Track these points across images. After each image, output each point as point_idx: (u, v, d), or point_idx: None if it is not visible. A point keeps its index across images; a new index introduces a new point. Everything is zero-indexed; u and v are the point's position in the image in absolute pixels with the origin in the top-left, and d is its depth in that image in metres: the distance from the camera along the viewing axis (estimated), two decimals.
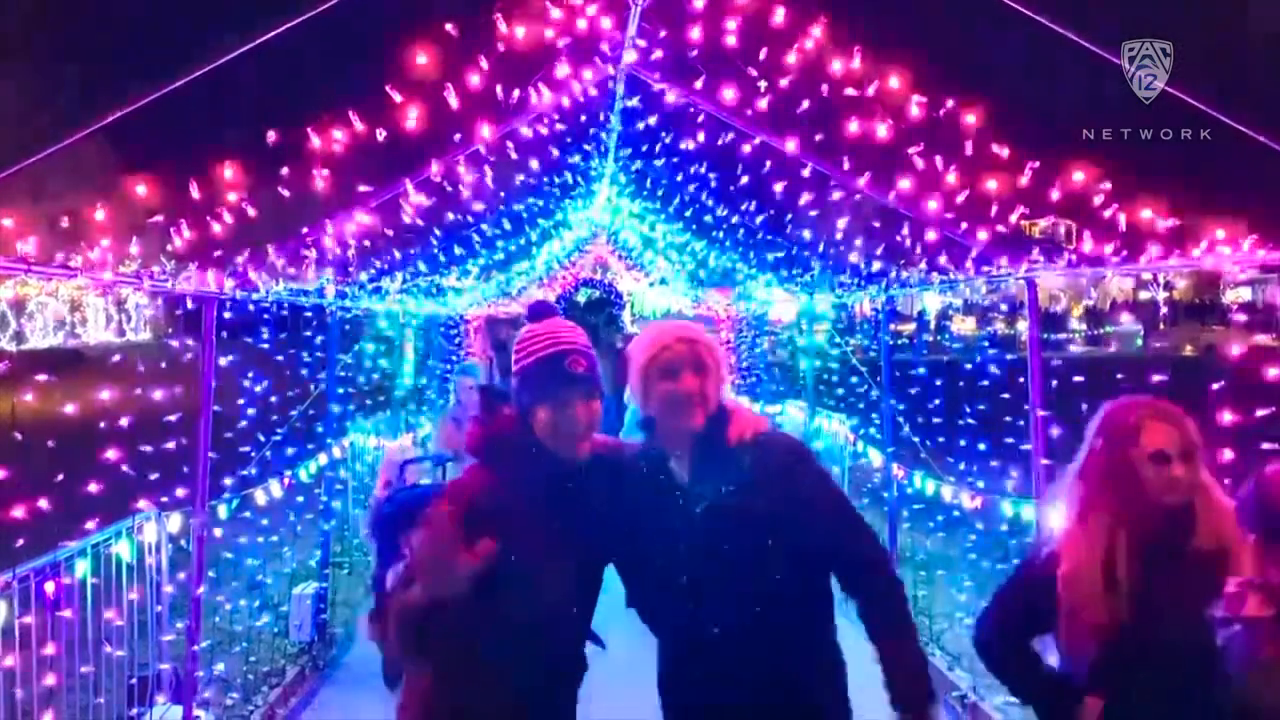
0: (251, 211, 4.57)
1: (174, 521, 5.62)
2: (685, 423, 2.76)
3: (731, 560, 2.68)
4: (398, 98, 4.36)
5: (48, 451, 5.52)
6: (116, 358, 8.41)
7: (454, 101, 4.58)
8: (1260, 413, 4.52)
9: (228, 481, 6.39)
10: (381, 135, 4.49)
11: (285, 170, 4.60)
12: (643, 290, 20.24)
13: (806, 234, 7.83)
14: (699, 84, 5.23)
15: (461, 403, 7.53)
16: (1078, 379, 6.35)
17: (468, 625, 2.64)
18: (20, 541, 4.40)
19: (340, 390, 8.31)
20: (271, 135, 4.32)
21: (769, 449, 2.80)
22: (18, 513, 4.10)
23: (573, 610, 2.79)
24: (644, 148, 7.33)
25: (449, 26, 4.30)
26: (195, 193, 4.61)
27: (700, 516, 2.72)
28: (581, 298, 19.43)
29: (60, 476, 4.76)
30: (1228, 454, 4.56)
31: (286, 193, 4.65)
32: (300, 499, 7.87)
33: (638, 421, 2.97)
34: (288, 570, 7.72)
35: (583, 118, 7.02)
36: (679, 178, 8.34)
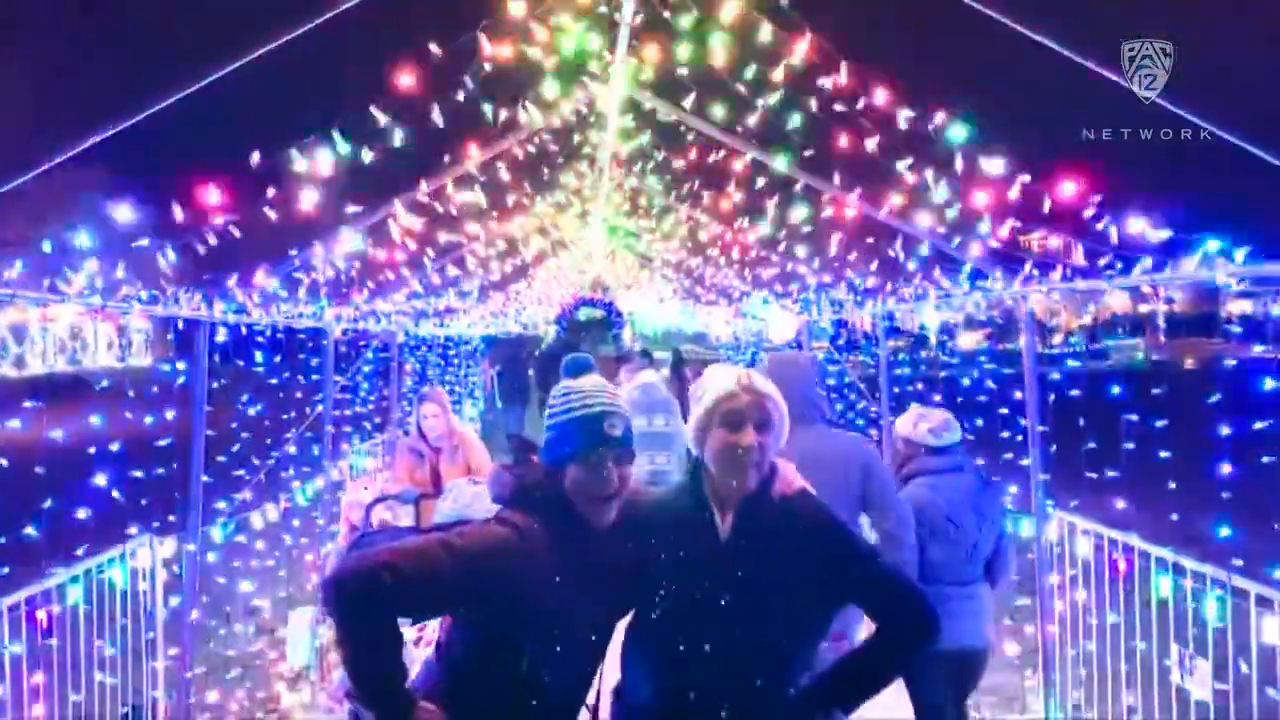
0: (239, 234, 4.55)
1: (167, 547, 5.57)
2: (740, 480, 2.72)
3: (752, 615, 2.62)
4: (383, 119, 4.35)
5: (35, 478, 5.48)
6: (105, 383, 8.29)
7: (441, 121, 4.57)
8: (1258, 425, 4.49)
9: (222, 505, 6.34)
10: (368, 157, 4.47)
11: (274, 192, 4.58)
12: (643, 309, 20.25)
13: (801, 250, 7.82)
14: (689, 102, 5.22)
15: (422, 432, 6.97)
16: (1075, 393, 6.32)
17: (473, 677, 2.65)
18: (5, 570, 4.36)
19: (336, 413, 8.25)
20: (255, 157, 4.30)
21: (808, 511, 2.78)
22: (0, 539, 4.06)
23: (576, 672, 2.78)
24: (637, 166, 7.33)
25: (434, 47, 4.28)
26: (184, 216, 4.59)
27: (735, 570, 2.66)
28: (582, 317, 19.38)
29: (48, 503, 4.72)
30: (1226, 468, 4.53)
31: (275, 215, 4.62)
32: (296, 523, 7.80)
33: (685, 462, 2.91)
34: (284, 594, 7.65)
35: (576, 137, 7.02)
36: (673, 196, 8.34)
